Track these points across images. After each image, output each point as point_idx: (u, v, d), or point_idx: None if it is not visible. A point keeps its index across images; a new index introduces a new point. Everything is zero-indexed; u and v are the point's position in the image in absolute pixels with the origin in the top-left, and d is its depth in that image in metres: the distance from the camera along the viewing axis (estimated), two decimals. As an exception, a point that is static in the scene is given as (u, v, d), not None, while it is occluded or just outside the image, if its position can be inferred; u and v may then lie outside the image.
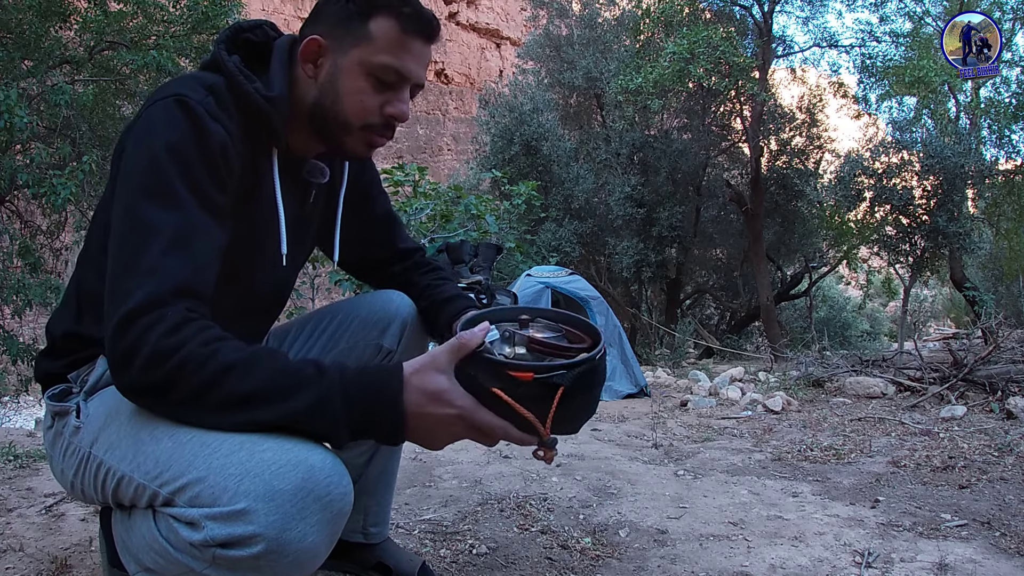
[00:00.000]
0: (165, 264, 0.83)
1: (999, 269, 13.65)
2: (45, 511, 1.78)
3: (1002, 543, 1.73)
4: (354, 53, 0.98)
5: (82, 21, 6.93)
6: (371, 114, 1.01)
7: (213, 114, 0.92)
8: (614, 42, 13.04)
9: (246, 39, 1.04)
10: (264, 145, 1.02)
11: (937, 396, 4.21)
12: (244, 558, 0.73)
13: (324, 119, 1.01)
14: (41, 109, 6.49)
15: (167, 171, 0.87)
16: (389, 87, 1.00)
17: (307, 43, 1.00)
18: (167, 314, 0.80)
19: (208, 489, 0.75)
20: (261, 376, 0.79)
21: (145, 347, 0.79)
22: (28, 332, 7.47)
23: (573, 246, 11.52)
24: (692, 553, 1.68)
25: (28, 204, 7.92)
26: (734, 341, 12.39)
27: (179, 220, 0.86)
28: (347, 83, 0.99)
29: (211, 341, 0.80)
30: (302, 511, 0.74)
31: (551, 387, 0.84)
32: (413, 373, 0.84)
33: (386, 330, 1.27)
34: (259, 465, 0.75)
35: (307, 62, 1.01)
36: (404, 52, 0.99)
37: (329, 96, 1.00)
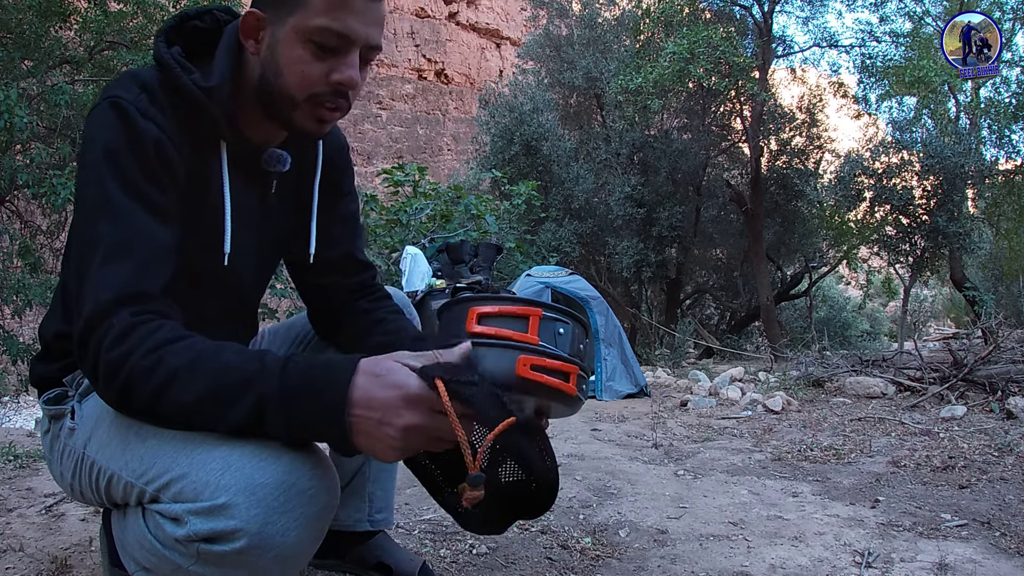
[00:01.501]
0: (104, 275, 0.82)
1: (999, 269, 13.65)
2: (45, 511, 1.78)
3: (1002, 543, 1.73)
4: (290, 21, 0.91)
5: (82, 21, 6.92)
6: (315, 83, 0.92)
7: (145, 112, 0.89)
8: (614, 42, 13.04)
9: (193, 27, 0.99)
10: (211, 138, 0.97)
11: (937, 396, 4.21)
12: (227, 553, 0.73)
13: (269, 95, 0.95)
14: (41, 109, 6.48)
15: (103, 178, 0.86)
16: (333, 52, 0.92)
17: (244, 19, 0.94)
18: (112, 324, 0.80)
19: (191, 484, 0.75)
20: (204, 379, 0.77)
21: (99, 363, 0.79)
22: (28, 332, 7.46)
23: (573, 246, 11.51)
24: (692, 553, 1.68)
25: (28, 204, 7.91)
26: (734, 341, 12.39)
27: (117, 227, 0.84)
28: (286, 53, 0.92)
29: (156, 348, 0.78)
30: (284, 505, 0.73)
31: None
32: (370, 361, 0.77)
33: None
34: (240, 459, 0.74)
35: (248, 38, 0.95)
36: (345, 11, 0.90)
37: (271, 70, 0.94)
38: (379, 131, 34.77)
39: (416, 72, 37.93)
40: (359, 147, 33.31)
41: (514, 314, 0.80)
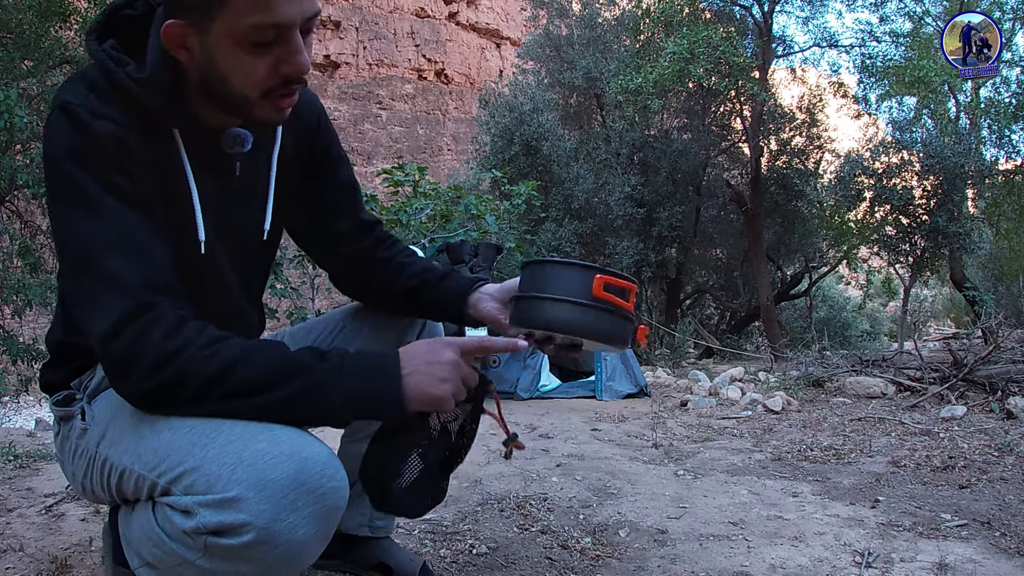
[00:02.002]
0: (121, 270, 0.82)
1: (999, 269, 13.65)
2: (45, 511, 1.78)
3: (1002, 543, 1.73)
4: (216, 27, 0.85)
5: (82, 21, 6.92)
6: (265, 81, 0.89)
7: (97, 112, 0.87)
8: (614, 42, 13.04)
9: (124, 16, 0.93)
10: (163, 127, 0.93)
11: (937, 396, 4.21)
12: (234, 547, 0.73)
13: (220, 98, 0.92)
14: (41, 109, 6.48)
15: (77, 180, 0.85)
16: (272, 45, 0.86)
17: (166, 31, 0.87)
18: (158, 316, 0.81)
19: (203, 477, 0.76)
20: (263, 364, 0.82)
21: (146, 353, 0.80)
22: (28, 332, 7.47)
23: (573, 246, 11.51)
24: (692, 553, 1.68)
25: (28, 204, 7.90)
26: (734, 341, 12.39)
27: (108, 221, 0.84)
28: (225, 60, 0.87)
29: (212, 342, 0.81)
30: (294, 503, 0.74)
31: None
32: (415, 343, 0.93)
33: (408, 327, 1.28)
34: (253, 455, 0.75)
35: (177, 49, 0.88)
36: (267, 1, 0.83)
37: (213, 77, 0.89)
38: (379, 131, 34.78)
39: (416, 72, 37.93)
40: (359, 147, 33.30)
41: (625, 287, 0.99)
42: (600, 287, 0.96)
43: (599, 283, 0.96)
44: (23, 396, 8.00)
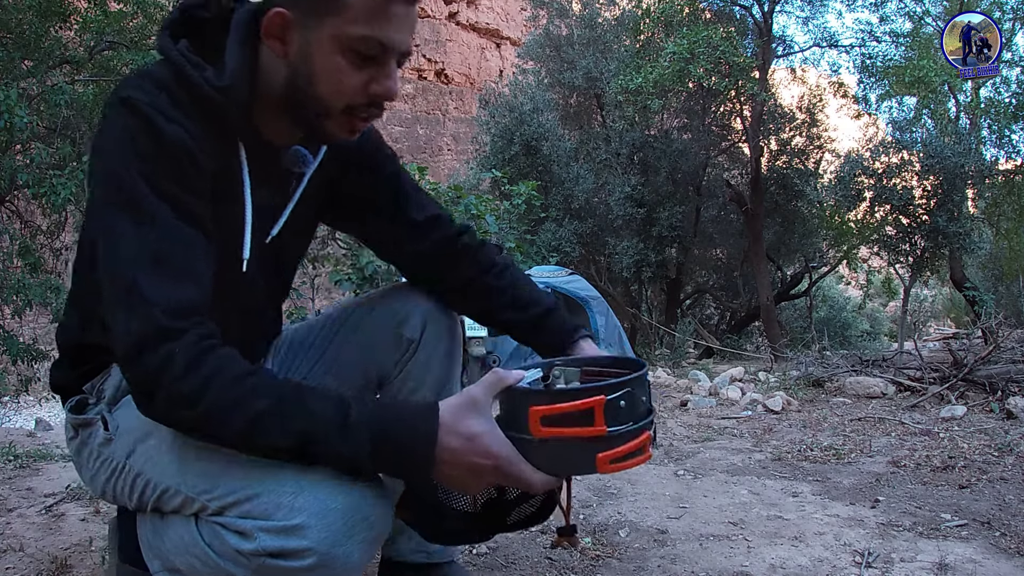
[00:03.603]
0: (152, 287, 0.78)
1: (999, 269, 13.65)
2: (45, 511, 1.78)
3: (1002, 543, 1.73)
4: (327, 25, 0.84)
5: (82, 21, 6.93)
6: (354, 94, 0.88)
7: (167, 114, 0.82)
8: (614, 42, 13.03)
9: (197, 18, 0.90)
10: (229, 138, 0.90)
11: (937, 396, 4.21)
12: (293, 569, 0.76)
13: (299, 102, 0.89)
14: (41, 109, 6.49)
15: (132, 184, 0.80)
16: (372, 61, 0.86)
17: (270, 18, 0.85)
18: (177, 349, 0.76)
19: (262, 504, 0.78)
20: (290, 432, 0.78)
21: (163, 386, 0.76)
22: (28, 332, 7.47)
23: (573, 246, 11.51)
24: (692, 553, 1.68)
25: (28, 204, 7.92)
26: (734, 341, 12.38)
27: (155, 235, 0.80)
28: (322, 61, 0.85)
29: (237, 380, 0.78)
30: (351, 530, 0.77)
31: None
32: (450, 415, 0.81)
33: (406, 320, 1.16)
34: (312, 485, 0.78)
35: (272, 38, 0.86)
36: (385, 19, 0.84)
37: (302, 77, 0.87)
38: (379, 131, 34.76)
39: (416, 72, 37.94)
40: (359, 147, 33.25)
41: (579, 409, 0.81)
42: (536, 422, 0.81)
43: (535, 417, 0.81)
44: (23, 396, 8.00)
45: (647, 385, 0.90)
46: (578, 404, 0.81)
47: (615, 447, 0.82)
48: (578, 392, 0.84)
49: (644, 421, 0.86)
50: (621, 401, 0.83)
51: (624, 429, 0.83)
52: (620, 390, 0.83)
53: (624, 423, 0.83)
